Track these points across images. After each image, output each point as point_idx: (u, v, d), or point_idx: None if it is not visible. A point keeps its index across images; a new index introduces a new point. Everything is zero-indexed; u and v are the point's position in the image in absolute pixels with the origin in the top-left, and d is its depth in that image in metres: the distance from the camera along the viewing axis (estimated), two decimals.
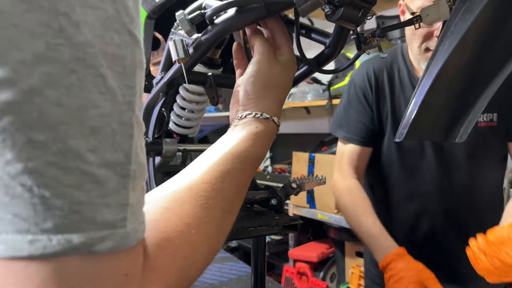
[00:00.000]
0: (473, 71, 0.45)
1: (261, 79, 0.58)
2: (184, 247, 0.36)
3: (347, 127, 1.26)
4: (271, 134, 0.56)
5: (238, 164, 0.47)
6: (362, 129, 1.22)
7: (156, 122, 0.82)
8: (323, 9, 0.51)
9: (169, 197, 0.39)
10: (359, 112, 1.23)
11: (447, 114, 0.46)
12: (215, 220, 0.42)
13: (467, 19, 0.41)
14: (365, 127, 1.22)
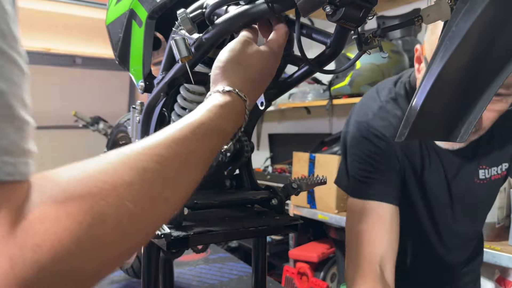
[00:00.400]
0: (474, 71, 0.45)
1: (230, 56, 0.58)
2: (90, 205, 0.35)
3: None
4: (237, 108, 0.54)
5: (193, 135, 0.46)
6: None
7: (157, 122, 0.82)
8: (324, 9, 0.51)
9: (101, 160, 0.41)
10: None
11: (448, 114, 0.46)
12: (146, 184, 0.40)
13: (468, 19, 0.41)
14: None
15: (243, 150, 0.92)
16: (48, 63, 4.36)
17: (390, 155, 0.94)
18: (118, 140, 1.49)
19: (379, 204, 0.92)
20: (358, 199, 0.94)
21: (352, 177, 0.97)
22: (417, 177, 0.98)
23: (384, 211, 0.92)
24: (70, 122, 4.11)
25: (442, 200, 1.00)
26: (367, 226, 0.91)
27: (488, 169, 0.95)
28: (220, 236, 0.77)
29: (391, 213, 0.92)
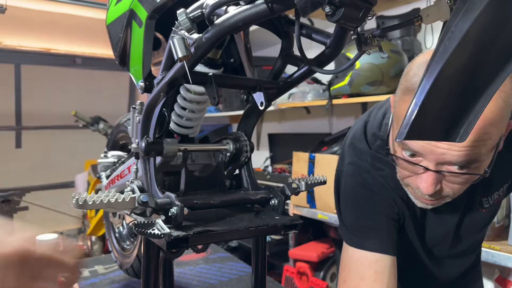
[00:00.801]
0: (474, 72, 0.45)
1: None
2: None
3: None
4: None
5: None
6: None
7: (157, 122, 0.82)
8: (323, 9, 0.51)
9: None
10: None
11: (448, 114, 0.46)
12: None
13: (468, 19, 0.41)
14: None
15: (242, 150, 0.92)
16: (48, 63, 4.36)
17: (390, 204, 0.88)
18: (118, 140, 1.49)
19: (377, 257, 0.86)
20: (356, 248, 0.88)
21: (349, 225, 0.91)
22: (417, 224, 0.93)
23: (383, 265, 0.86)
24: (70, 122, 4.11)
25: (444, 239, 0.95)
26: (364, 283, 0.85)
27: (491, 195, 0.91)
28: (220, 236, 0.77)
29: (389, 265, 0.86)
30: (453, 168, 0.70)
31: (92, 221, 3.10)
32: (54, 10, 3.56)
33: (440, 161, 0.69)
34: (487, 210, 0.92)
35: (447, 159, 0.68)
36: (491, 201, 0.90)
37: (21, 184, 4.37)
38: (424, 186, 0.72)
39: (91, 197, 0.68)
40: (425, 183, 0.72)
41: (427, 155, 0.70)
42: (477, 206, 0.90)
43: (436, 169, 0.70)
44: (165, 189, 0.85)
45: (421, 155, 0.71)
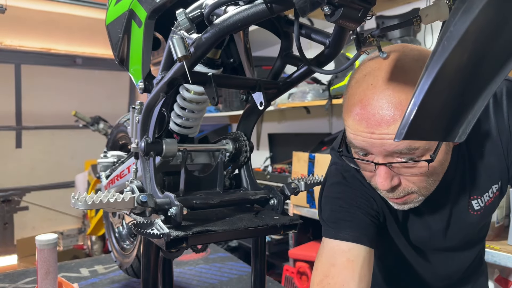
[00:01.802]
0: (472, 71, 0.45)
1: None
2: None
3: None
4: None
5: None
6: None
7: (157, 122, 0.82)
8: (322, 9, 0.51)
9: None
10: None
11: (446, 114, 0.46)
12: None
13: (467, 19, 0.41)
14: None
15: (242, 150, 0.92)
16: (48, 63, 4.36)
17: (367, 199, 0.88)
18: (118, 140, 1.49)
19: (350, 246, 0.84)
20: (330, 239, 0.87)
21: (325, 218, 0.90)
22: (399, 225, 0.92)
23: (356, 254, 0.84)
24: (70, 122, 4.12)
25: (430, 241, 0.93)
26: (335, 270, 0.83)
27: (480, 197, 0.88)
28: (219, 236, 0.77)
29: (363, 255, 0.84)
30: (400, 159, 0.70)
31: (92, 221, 3.11)
32: (54, 10, 3.56)
33: (384, 153, 0.70)
34: (479, 212, 0.89)
35: (389, 149, 0.68)
36: (483, 203, 0.88)
37: (21, 184, 4.37)
38: (379, 181, 0.73)
39: (91, 197, 0.68)
40: (379, 178, 0.73)
41: (372, 150, 0.71)
42: (467, 209, 0.88)
43: (385, 161, 0.71)
44: (164, 189, 0.85)
45: (368, 151, 0.72)
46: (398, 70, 0.67)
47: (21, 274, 1.59)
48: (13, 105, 4.28)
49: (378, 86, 0.67)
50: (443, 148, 0.72)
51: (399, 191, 0.75)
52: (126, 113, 1.44)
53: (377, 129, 0.67)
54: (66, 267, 1.64)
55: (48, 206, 4.52)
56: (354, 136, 0.72)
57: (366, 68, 0.71)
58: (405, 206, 0.79)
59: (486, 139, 0.82)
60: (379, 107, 0.66)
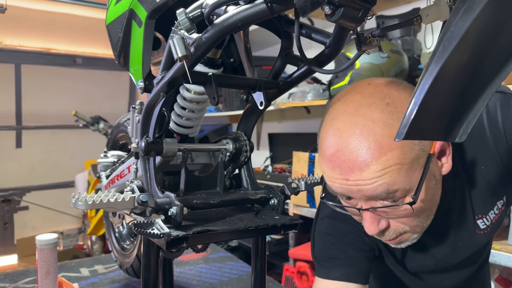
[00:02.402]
0: (473, 71, 0.45)
1: None
2: None
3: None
4: None
5: None
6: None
7: (157, 122, 0.82)
8: (323, 9, 0.51)
9: None
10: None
11: (447, 114, 0.46)
12: None
13: (467, 19, 0.41)
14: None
15: (242, 150, 0.92)
16: (49, 63, 4.36)
17: (358, 235, 0.85)
18: (118, 140, 1.49)
19: (341, 285, 0.83)
20: (322, 278, 0.85)
21: (317, 255, 0.89)
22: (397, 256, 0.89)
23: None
24: (71, 122, 4.12)
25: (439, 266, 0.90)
26: None
27: (486, 216, 0.84)
28: (219, 236, 0.77)
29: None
30: (383, 203, 0.67)
31: (92, 221, 3.10)
32: (54, 10, 3.56)
33: (364, 198, 0.67)
34: (486, 231, 0.85)
35: (367, 195, 0.65)
36: (489, 222, 0.84)
37: (21, 184, 4.37)
38: (366, 227, 0.70)
39: (91, 197, 0.68)
40: (365, 223, 0.70)
41: (351, 195, 0.68)
42: (473, 229, 0.84)
43: (368, 206, 0.67)
44: (165, 189, 0.85)
45: (350, 197, 0.69)
46: (363, 111, 0.64)
47: (21, 274, 1.59)
48: (13, 105, 4.28)
49: (345, 130, 0.65)
50: (428, 184, 0.68)
51: (390, 233, 0.72)
52: (126, 113, 1.44)
53: (351, 175, 0.64)
54: (66, 267, 1.64)
55: (48, 206, 4.52)
56: (331, 183, 0.69)
57: (333, 111, 0.69)
58: (402, 245, 0.76)
59: (482, 154, 0.78)
60: (349, 153, 0.63)
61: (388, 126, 0.62)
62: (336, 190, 0.70)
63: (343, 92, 0.71)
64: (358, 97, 0.67)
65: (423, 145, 0.65)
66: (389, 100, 0.65)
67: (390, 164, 0.62)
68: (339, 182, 0.67)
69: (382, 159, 0.62)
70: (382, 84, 0.68)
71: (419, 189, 0.64)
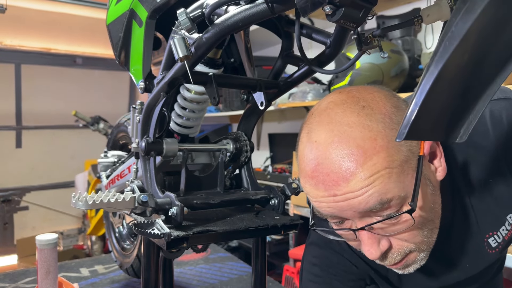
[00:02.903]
0: (474, 72, 0.45)
1: None
2: None
3: None
4: None
5: None
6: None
7: (157, 122, 0.82)
8: (323, 9, 0.51)
9: None
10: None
11: (448, 114, 0.46)
12: None
13: (468, 20, 0.41)
14: None
15: (242, 150, 0.92)
16: (49, 63, 4.36)
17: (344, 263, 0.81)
18: (118, 140, 1.49)
19: None
20: None
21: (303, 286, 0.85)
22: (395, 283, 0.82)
23: None
24: (71, 122, 4.12)
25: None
26: None
27: (497, 232, 0.76)
28: (219, 236, 0.77)
29: None
30: (378, 218, 0.60)
31: (92, 221, 3.10)
32: (54, 10, 3.56)
33: (358, 215, 0.60)
34: (498, 249, 0.77)
35: (360, 209, 0.59)
36: (500, 239, 0.76)
37: (21, 184, 4.37)
38: (366, 250, 0.62)
39: (91, 197, 0.68)
40: (365, 247, 0.62)
41: (343, 214, 0.61)
42: (485, 249, 0.76)
43: (363, 224, 0.61)
44: (165, 189, 0.85)
45: (342, 217, 0.63)
46: (338, 118, 0.60)
47: (21, 274, 1.59)
48: (13, 105, 4.28)
49: (322, 141, 0.59)
50: (424, 190, 0.62)
51: (393, 255, 0.64)
52: (126, 113, 1.44)
53: (337, 189, 0.58)
54: (66, 267, 1.64)
55: (48, 206, 4.52)
56: (318, 203, 0.63)
57: (307, 126, 0.64)
58: (410, 269, 0.67)
59: (487, 165, 0.72)
60: (331, 164, 0.58)
61: (368, 129, 0.58)
62: (324, 211, 0.63)
63: (316, 106, 0.66)
64: (331, 105, 0.63)
65: (410, 145, 0.60)
66: (363, 103, 0.61)
67: (378, 169, 0.57)
68: (326, 201, 0.60)
69: (368, 164, 0.57)
70: (354, 89, 0.65)
71: (416, 194, 0.58)
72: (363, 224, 0.61)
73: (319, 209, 0.64)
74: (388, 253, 0.64)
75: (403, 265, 0.66)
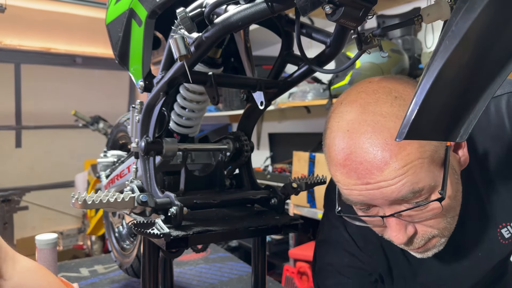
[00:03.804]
0: (474, 71, 0.45)
1: None
2: None
3: None
4: None
5: None
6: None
7: (157, 122, 0.82)
8: (323, 8, 0.51)
9: None
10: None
11: (448, 114, 0.46)
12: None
13: (468, 19, 0.41)
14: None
15: (242, 150, 0.92)
16: (48, 63, 4.36)
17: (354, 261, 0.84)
18: (118, 140, 1.49)
19: None
20: None
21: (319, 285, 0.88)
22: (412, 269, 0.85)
23: None
24: (70, 122, 4.12)
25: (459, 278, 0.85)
26: None
27: (510, 223, 0.77)
28: (219, 236, 0.77)
29: None
30: (408, 205, 0.62)
31: (92, 221, 3.10)
32: (54, 9, 3.56)
33: (388, 202, 0.62)
34: (511, 240, 0.78)
35: (392, 198, 0.61)
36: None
37: (21, 184, 4.37)
38: (393, 236, 0.65)
39: (90, 197, 0.68)
40: (392, 232, 0.65)
41: (373, 202, 0.63)
42: (497, 239, 0.78)
43: (392, 211, 0.63)
44: (165, 188, 0.85)
45: (371, 204, 0.65)
46: (371, 108, 0.61)
47: None
48: (13, 104, 4.28)
49: (355, 130, 0.61)
50: (451, 179, 0.64)
51: (418, 240, 0.67)
52: (126, 113, 1.44)
53: (371, 178, 0.60)
54: (66, 267, 1.64)
55: (48, 206, 4.52)
56: (349, 191, 0.64)
57: (337, 115, 0.65)
58: (429, 253, 0.70)
59: (503, 157, 0.73)
60: (364, 153, 0.59)
61: (401, 119, 0.55)
62: (355, 198, 0.64)
63: (344, 95, 0.68)
64: (362, 95, 0.63)
65: None
66: (396, 94, 0.62)
67: (411, 159, 0.58)
68: (358, 189, 0.62)
69: (402, 154, 0.58)
70: (384, 80, 0.66)
71: (445, 183, 0.60)
72: (392, 211, 0.63)
73: (349, 196, 0.65)
74: (413, 238, 0.66)
75: (424, 249, 0.69)
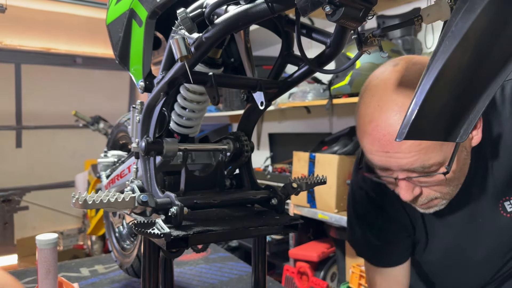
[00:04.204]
0: (474, 71, 0.45)
1: None
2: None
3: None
4: None
5: None
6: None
7: (157, 122, 0.82)
8: (323, 8, 0.51)
9: None
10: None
11: (448, 114, 0.46)
12: None
13: (468, 19, 0.41)
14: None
15: (243, 150, 0.92)
16: (49, 62, 4.36)
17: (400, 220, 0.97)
18: (118, 140, 1.49)
19: (395, 269, 1.00)
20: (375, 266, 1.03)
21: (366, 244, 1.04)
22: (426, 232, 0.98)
23: (400, 273, 1.01)
24: (71, 122, 4.12)
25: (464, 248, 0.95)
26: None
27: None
28: (220, 236, 0.77)
29: (404, 270, 1.01)
30: (417, 174, 0.74)
31: (92, 221, 3.11)
32: (54, 9, 3.56)
33: (402, 169, 0.75)
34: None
35: (405, 167, 0.73)
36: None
37: (21, 184, 4.37)
38: (402, 194, 0.79)
39: (91, 197, 0.68)
40: (401, 191, 0.78)
41: (390, 167, 0.76)
42: (498, 210, 0.86)
43: (404, 176, 0.76)
44: (165, 188, 0.85)
45: (389, 168, 0.77)
46: (403, 87, 0.70)
47: (21, 273, 1.59)
48: (13, 104, 4.28)
49: (384, 107, 0.72)
50: (459, 156, 0.75)
51: (422, 199, 0.80)
52: (126, 113, 1.44)
53: (390, 148, 0.71)
54: (66, 267, 1.64)
55: (48, 206, 4.52)
56: (372, 156, 0.77)
57: (372, 89, 0.76)
58: (430, 210, 0.84)
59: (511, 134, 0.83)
60: (388, 127, 0.71)
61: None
62: (376, 162, 0.78)
63: (382, 69, 0.78)
64: (397, 75, 0.73)
65: None
66: None
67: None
68: (378, 155, 0.75)
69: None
70: (417, 62, 0.74)
71: (452, 161, 0.71)
72: (404, 175, 0.76)
73: (370, 160, 0.79)
74: (419, 197, 0.80)
75: (426, 206, 0.82)
